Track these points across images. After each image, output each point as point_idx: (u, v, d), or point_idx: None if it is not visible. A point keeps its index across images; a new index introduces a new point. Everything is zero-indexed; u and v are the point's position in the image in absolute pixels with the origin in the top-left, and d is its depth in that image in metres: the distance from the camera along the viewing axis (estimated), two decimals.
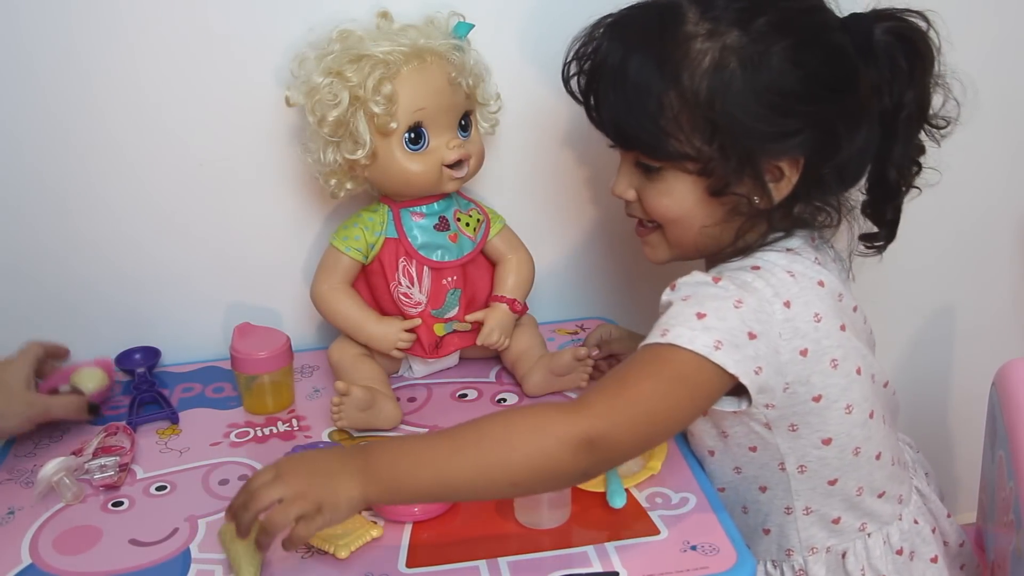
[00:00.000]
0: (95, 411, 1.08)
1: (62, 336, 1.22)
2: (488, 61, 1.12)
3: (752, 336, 0.82)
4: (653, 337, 0.82)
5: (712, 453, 0.96)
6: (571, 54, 0.92)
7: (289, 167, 1.18)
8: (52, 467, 0.95)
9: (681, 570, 0.82)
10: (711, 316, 0.81)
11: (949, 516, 1.06)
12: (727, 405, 0.88)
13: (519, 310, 1.14)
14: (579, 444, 0.77)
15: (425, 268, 1.09)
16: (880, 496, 0.96)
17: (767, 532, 0.98)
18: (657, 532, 0.86)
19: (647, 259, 0.98)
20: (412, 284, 1.10)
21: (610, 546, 0.85)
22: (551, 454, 0.78)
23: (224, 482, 0.98)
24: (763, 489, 0.95)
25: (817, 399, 0.88)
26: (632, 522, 0.88)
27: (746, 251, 0.91)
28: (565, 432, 0.78)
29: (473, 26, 1.08)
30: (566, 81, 0.93)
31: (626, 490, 0.90)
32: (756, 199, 0.87)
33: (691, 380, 0.81)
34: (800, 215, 0.91)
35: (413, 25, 1.07)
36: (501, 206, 1.18)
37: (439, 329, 1.12)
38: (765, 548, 0.98)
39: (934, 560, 0.99)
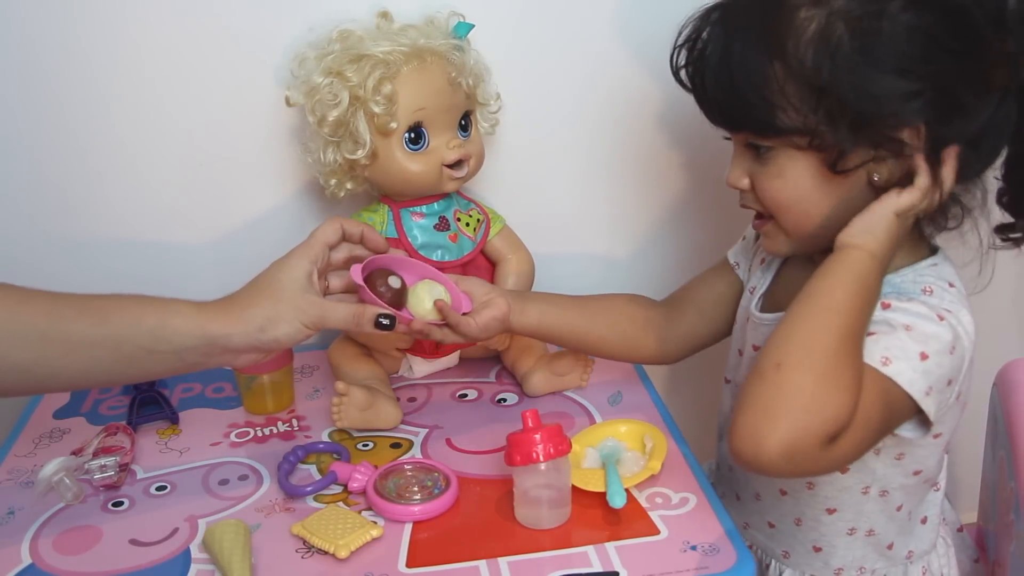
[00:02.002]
0: (388, 324, 0.87)
1: None
2: (488, 61, 1.12)
3: (950, 383, 0.82)
4: (870, 358, 0.78)
5: None
6: (677, 41, 0.89)
7: (289, 167, 1.18)
8: (52, 467, 0.95)
9: (681, 570, 0.82)
10: (932, 359, 0.79)
11: (961, 530, 1.06)
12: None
13: None
14: (794, 458, 0.74)
15: None
16: (923, 522, 0.96)
17: (818, 550, 0.96)
18: (657, 532, 0.86)
19: (766, 251, 0.96)
20: None
21: (610, 546, 0.85)
22: (775, 432, 0.74)
23: (224, 482, 0.98)
24: (831, 511, 0.93)
25: (937, 436, 0.88)
26: (632, 522, 0.88)
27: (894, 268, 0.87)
28: (807, 441, 0.74)
29: (473, 26, 1.08)
30: (675, 71, 0.90)
31: (626, 490, 0.90)
32: (876, 176, 0.82)
33: (893, 413, 0.80)
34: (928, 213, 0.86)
35: (413, 25, 1.07)
36: (501, 206, 1.18)
37: None
38: (808, 562, 0.97)
39: None
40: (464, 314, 0.94)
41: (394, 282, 0.90)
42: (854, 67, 0.78)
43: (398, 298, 0.91)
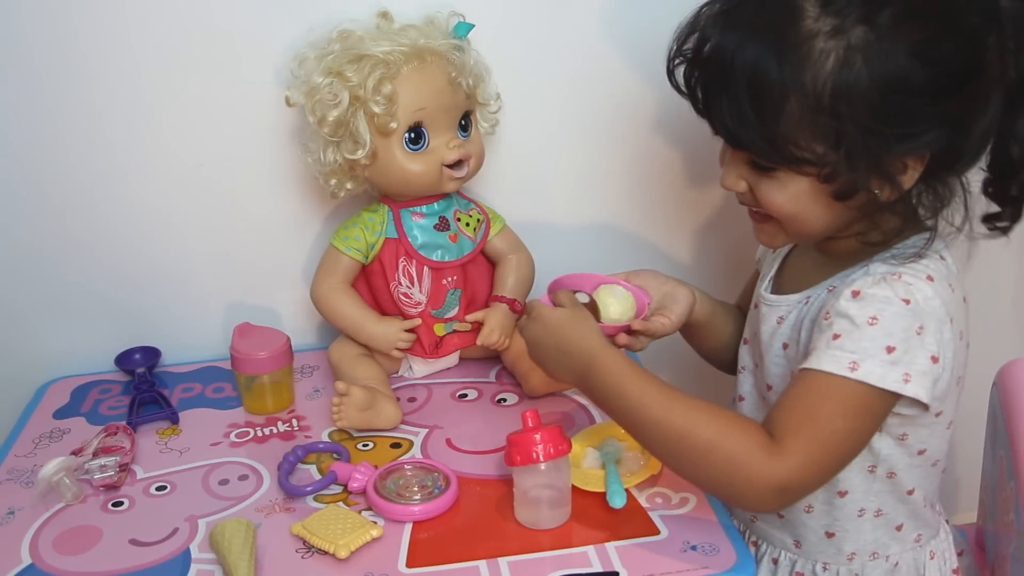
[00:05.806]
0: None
1: (63, 336, 1.22)
2: (488, 61, 1.12)
3: (935, 360, 0.81)
4: (838, 366, 0.79)
5: None
6: (675, 46, 0.86)
7: (289, 167, 1.18)
8: (52, 467, 0.95)
9: (681, 570, 0.82)
10: (900, 349, 0.79)
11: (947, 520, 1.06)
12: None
13: (519, 310, 1.14)
14: (771, 492, 0.79)
15: (425, 268, 1.09)
16: (931, 506, 0.96)
17: (831, 535, 0.95)
18: (657, 532, 0.86)
19: (761, 243, 0.93)
20: (412, 284, 1.10)
21: (610, 546, 0.85)
22: (739, 490, 0.80)
23: (224, 482, 0.98)
24: (842, 494, 0.92)
25: (939, 414, 0.87)
26: (632, 522, 0.88)
27: (883, 244, 0.87)
28: (760, 478, 0.78)
29: (473, 26, 1.08)
30: (670, 73, 0.87)
31: (626, 490, 0.90)
32: (878, 192, 0.82)
33: (877, 411, 0.81)
34: (921, 200, 0.86)
35: (413, 25, 1.07)
36: (501, 206, 1.18)
37: (439, 329, 1.12)
38: (821, 549, 0.96)
39: (956, 572, 0.99)
40: (647, 318, 0.96)
41: (582, 298, 0.93)
42: (871, 107, 0.76)
43: (595, 313, 0.92)
